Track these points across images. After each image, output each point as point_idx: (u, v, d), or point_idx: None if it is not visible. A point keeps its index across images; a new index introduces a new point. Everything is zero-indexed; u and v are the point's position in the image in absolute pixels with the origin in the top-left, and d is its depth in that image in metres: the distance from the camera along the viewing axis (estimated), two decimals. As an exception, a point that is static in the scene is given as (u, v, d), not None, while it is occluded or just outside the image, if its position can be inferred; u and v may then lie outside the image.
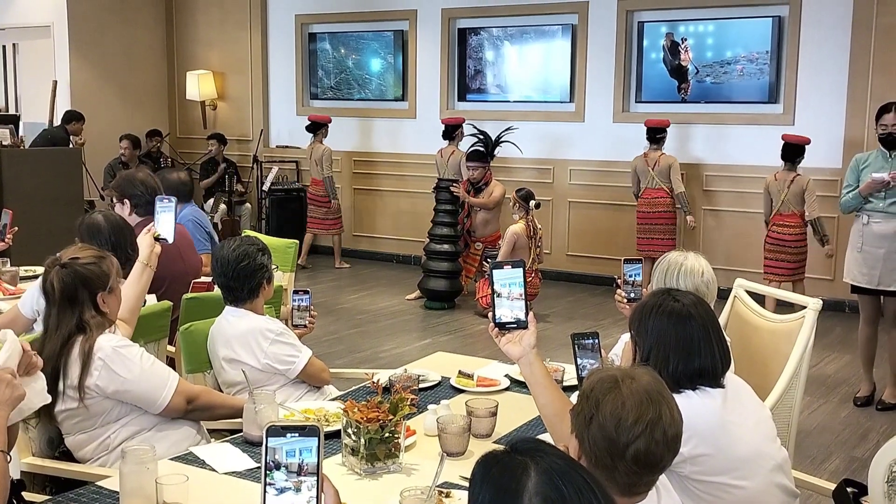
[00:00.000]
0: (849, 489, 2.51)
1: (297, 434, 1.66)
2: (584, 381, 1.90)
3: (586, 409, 1.78)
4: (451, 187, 7.92)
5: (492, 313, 2.38)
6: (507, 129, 8.42)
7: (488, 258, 7.62)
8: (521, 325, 2.36)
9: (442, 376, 3.25)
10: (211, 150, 10.43)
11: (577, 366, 2.63)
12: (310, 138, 9.49)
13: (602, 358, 2.68)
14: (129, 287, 3.26)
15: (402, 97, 9.92)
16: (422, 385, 3.07)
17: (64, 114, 9.49)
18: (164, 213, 3.49)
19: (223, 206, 10.19)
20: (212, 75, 11.08)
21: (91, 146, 9.76)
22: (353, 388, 3.22)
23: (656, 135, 7.93)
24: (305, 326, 3.50)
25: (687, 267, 2.98)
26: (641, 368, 1.89)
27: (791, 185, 6.88)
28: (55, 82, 9.67)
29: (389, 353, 6.43)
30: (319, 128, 9.45)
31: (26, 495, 2.41)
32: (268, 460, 1.65)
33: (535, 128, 8.96)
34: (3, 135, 7.85)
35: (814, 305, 3.14)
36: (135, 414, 2.81)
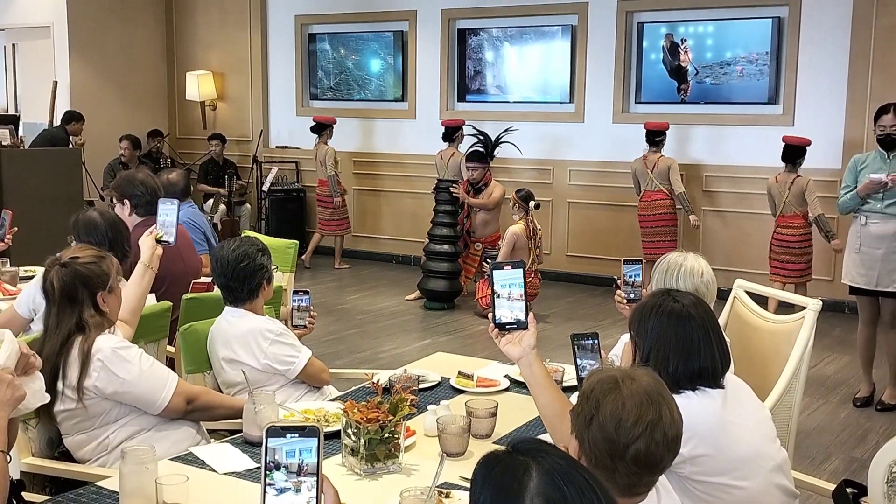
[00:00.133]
0: (848, 490, 2.51)
1: (296, 434, 1.66)
2: (584, 381, 1.90)
3: (586, 409, 1.79)
4: (451, 188, 7.92)
5: (492, 314, 2.38)
6: (506, 130, 8.41)
7: (488, 259, 7.62)
8: (520, 325, 2.36)
9: (442, 377, 3.25)
10: (214, 150, 10.42)
11: (577, 366, 2.63)
12: (315, 139, 9.49)
13: (602, 358, 2.68)
14: (130, 288, 3.27)
15: (401, 98, 9.92)
16: (422, 385, 3.07)
17: (64, 114, 9.48)
18: (167, 215, 3.49)
19: (223, 206, 10.19)
20: (211, 76, 11.08)
21: (91, 146, 9.76)
22: (353, 388, 3.22)
23: (655, 137, 7.92)
24: (305, 327, 3.51)
25: (687, 267, 2.98)
26: (641, 369, 1.90)
27: (792, 186, 6.89)
28: (55, 83, 9.67)
29: (389, 354, 6.43)
30: (324, 129, 9.44)
31: (26, 495, 2.40)
32: (267, 461, 1.65)
33: (534, 128, 8.96)
34: (3, 135, 7.85)
35: (813, 306, 3.14)
36: (134, 414, 2.80)
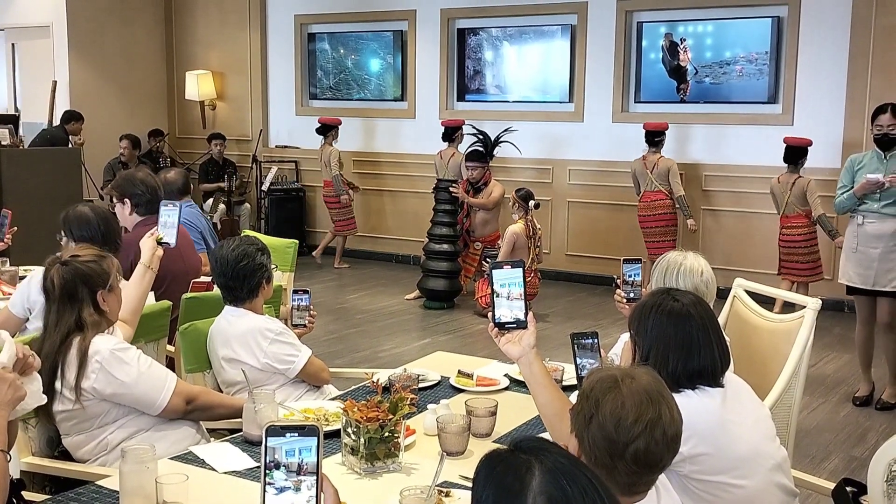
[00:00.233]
0: (848, 488, 2.52)
1: (296, 434, 1.66)
2: (584, 380, 1.90)
3: (586, 408, 1.79)
4: (451, 188, 7.92)
5: (491, 313, 2.38)
6: (506, 130, 8.41)
7: (488, 258, 7.63)
8: (520, 324, 2.36)
9: (441, 376, 3.25)
10: (215, 149, 10.40)
11: (577, 365, 2.63)
12: (320, 140, 9.48)
13: (601, 357, 2.68)
14: (130, 288, 3.27)
15: (401, 97, 9.92)
16: (421, 384, 3.07)
17: (63, 114, 9.48)
18: (168, 217, 3.50)
19: (222, 205, 10.19)
20: (211, 75, 11.07)
21: (90, 146, 9.75)
22: (353, 387, 3.22)
23: (654, 138, 7.92)
24: (305, 326, 3.52)
25: (686, 266, 2.98)
26: (641, 368, 1.90)
27: (793, 186, 6.90)
28: (54, 82, 9.66)
29: (389, 353, 6.43)
30: (329, 129, 9.44)
31: (26, 495, 2.40)
32: (267, 460, 1.65)
33: (534, 128, 8.96)
34: (3, 135, 7.84)
35: (813, 305, 3.15)
36: (133, 415, 2.80)
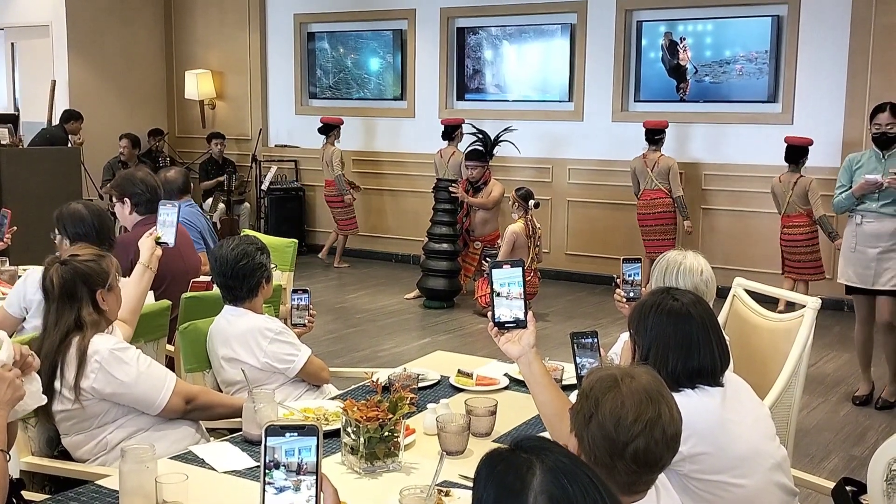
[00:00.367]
0: (848, 488, 2.52)
1: (296, 433, 1.65)
2: (584, 380, 1.90)
3: (586, 407, 1.78)
4: (450, 188, 7.92)
5: (491, 312, 2.38)
6: (506, 129, 8.41)
7: (487, 257, 7.62)
8: (520, 324, 2.36)
9: (441, 375, 3.25)
10: (216, 149, 10.39)
11: (577, 365, 2.63)
12: (322, 140, 9.47)
13: (601, 357, 2.68)
14: (129, 288, 3.27)
15: (400, 96, 9.92)
16: (421, 384, 3.07)
17: (62, 113, 9.47)
18: (167, 216, 3.50)
19: (222, 205, 10.18)
20: (210, 75, 11.07)
21: (90, 145, 9.75)
22: (353, 386, 3.22)
23: (655, 136, 7.92)
24: (304, 325, 3.52)
25: (686, 266, 2.98)
26: (641, 367, 1.89)
27: (795, 186, 6.90)
28: (54, 81, 9.66)
29: (389, 352, 6.43)
30: (331, 129, 9.43)
31: (26, 494, 2.40)
32: (267, 459, 1.65)
33: (533, 127, 8.96)
34: (2, 134, 7.84)
35: (813, 304, 3.14)
36: (132, 414, 2.80)
